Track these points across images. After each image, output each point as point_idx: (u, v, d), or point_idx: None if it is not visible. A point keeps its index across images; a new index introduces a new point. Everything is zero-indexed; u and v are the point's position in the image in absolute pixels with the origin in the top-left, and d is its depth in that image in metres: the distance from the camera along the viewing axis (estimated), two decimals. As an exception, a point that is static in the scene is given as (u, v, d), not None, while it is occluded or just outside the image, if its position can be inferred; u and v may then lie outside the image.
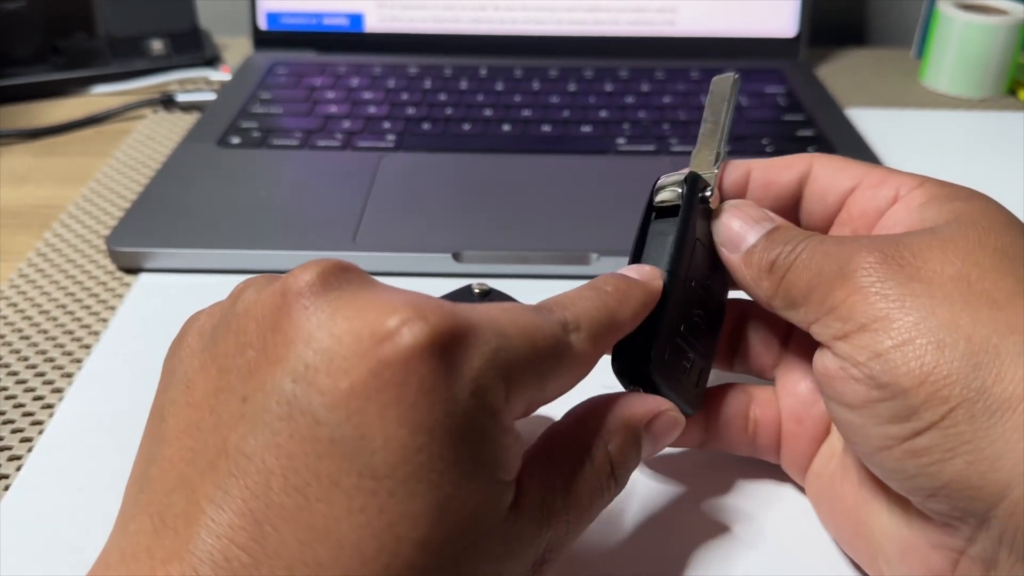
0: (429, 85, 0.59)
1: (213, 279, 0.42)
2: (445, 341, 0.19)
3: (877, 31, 0.78)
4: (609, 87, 0.59)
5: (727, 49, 0.64)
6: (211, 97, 0.60)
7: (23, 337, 0.38)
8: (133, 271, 0.42)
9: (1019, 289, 0.21)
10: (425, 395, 0.18)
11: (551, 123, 0.54)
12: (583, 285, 0.24)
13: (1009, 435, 0.20)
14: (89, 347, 0.37)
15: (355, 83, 0.59)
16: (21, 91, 0.61)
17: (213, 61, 0.67)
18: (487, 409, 0.19)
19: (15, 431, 0.33)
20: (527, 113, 0.55)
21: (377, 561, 0.18)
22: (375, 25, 0.65)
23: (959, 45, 0.61)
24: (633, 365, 0.26)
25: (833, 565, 0.28)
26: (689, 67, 0.61)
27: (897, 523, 0.24)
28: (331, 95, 0.58)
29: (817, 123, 0.54)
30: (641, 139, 0.52)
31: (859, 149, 0.51)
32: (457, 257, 0.41)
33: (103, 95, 0.63)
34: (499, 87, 0.59)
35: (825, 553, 0.28)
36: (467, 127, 0.53)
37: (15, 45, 0.61)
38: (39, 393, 0.35)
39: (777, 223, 0.26)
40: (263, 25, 0.65)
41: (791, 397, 0.28)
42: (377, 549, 0.18)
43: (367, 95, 0.58)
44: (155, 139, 0.56)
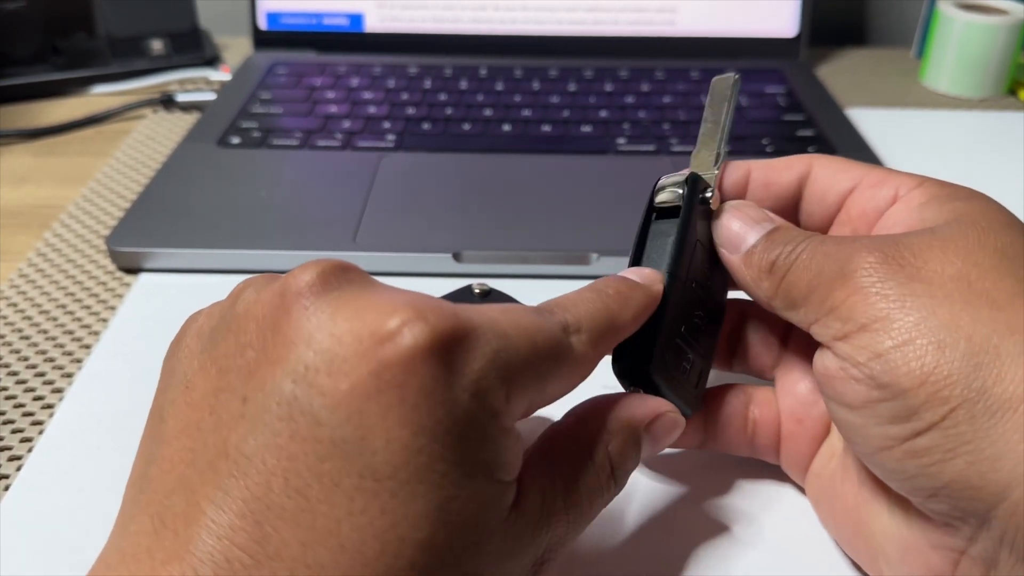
0: (429, 85, 0.59)
1: (213, 279, 0.42)
2: (446, 342, 0.19)
3: (877, 31, 0.78)
4: (609, 87, 0.59)
5: (727, 49, 0.64)
6: (211, 97, 0.59)
7: (23, 337, 0.38)
8: (133, 271, 0.42)
9: (1019, 289, 0.21)
10: (426, 396, 0.18)
11: (551, 123, 0.54)
12: (584, 287, 0.24)
13: (1010, 435, 0.20)
14: (89, 347, 0.37)
15: (355, 83, 0.59)
16: (21, 91, 0.61)
17: (213, 61, 0.67)
18: (488, 410, 0.19)
19: (15, 431, 0.33)
20: (527, 113, 0.55)
21: (379, 562, 0.18)
22: (375, 25, 0.65)
23: (959, 45, 0.61)
24: (634, 366, 0.26)
25: (833, 565, 0.28)
26: (689, 67, 0.61)
27: (897, 523, 0.24)
28: (331, 95, 0.58)
29: (817, 123, 0.54)
30: (641, 139, 0.52)
31: (859, 149, 0.51)
32: (457, 257, 0.41)
33: (103, 95, 0.63)
34: (499, 87, 0.59)
35: (825, 553, 0.28)
36: (467, 127, 0.53)
37: (15, 45, 0.61)
38: (39, 393, 0.35)
39: (777, 223, 0.26)
40: (263, 25, 0.65)
41: (790, 397, 0.28)
42: (379, 550, 0.18)
43: (367, 95, 0.58)
44: (155, 139, 0.56)
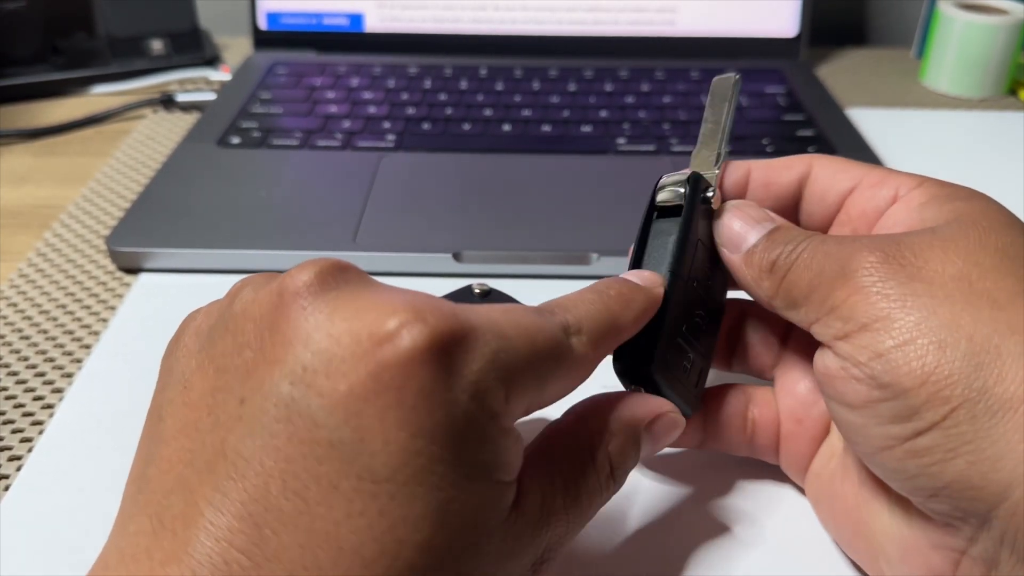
0: (429, 85, 0.59)
1: (213, 279, 0.42)
2: (444, 343, 0.18)
3: (877, 31, 0.78)
4: (609, 87, 0.59)
5: (727, 49, 0.64)
6: (211, 97, 0.59)
7: (23, 337, 0.38)
8: (133, 271, 0.42)
9: (1020, 289, 0.21)
10: (424, 398, 0.18)
11: (551, 123, 0.54)
12: (585, 288, 0.24)
13: (1010, 435, 0.19)
14: (89, 347, 0.37)
15: (355, 83, 0.59)
16: (21, 91, 0.61)
17: (213, 61, 0.67)
18: (487, 411, 0.19)
19: (15, 431, 0.33)
20: (527, 113, 0.55)
21: (378, 564, 0.18)
22: (375, 25, 0.65)
23: (959, 45, 0.61)
24: (635, 365, 0.26)
25: (833, 565, 0.28)
26: (689, 67, 0.61)
27: (898, 523, 0.24)
28: (331, 95, 0.58)
29: (817, 123, 0.54)
30: (641, 139, 0.52)
31: (859, 149, 0.51)
32: (457, 257, 0.41)
33: (103, 95, 0.63)
34: (499, 87, 0.59)
35: (825, 553, 0.28)
36: (467, 127, 0.53)
37: (15, 45, 0.61)
38: (39, 393, 0.35)
39: (778, 223, 0.26)
40: (263, 25, 0.65)
41: (790, 397, 0.28)
42: (378, 552, 0.18)
43: (367, 95, 0.58)
44: (155, 139, 0.56)
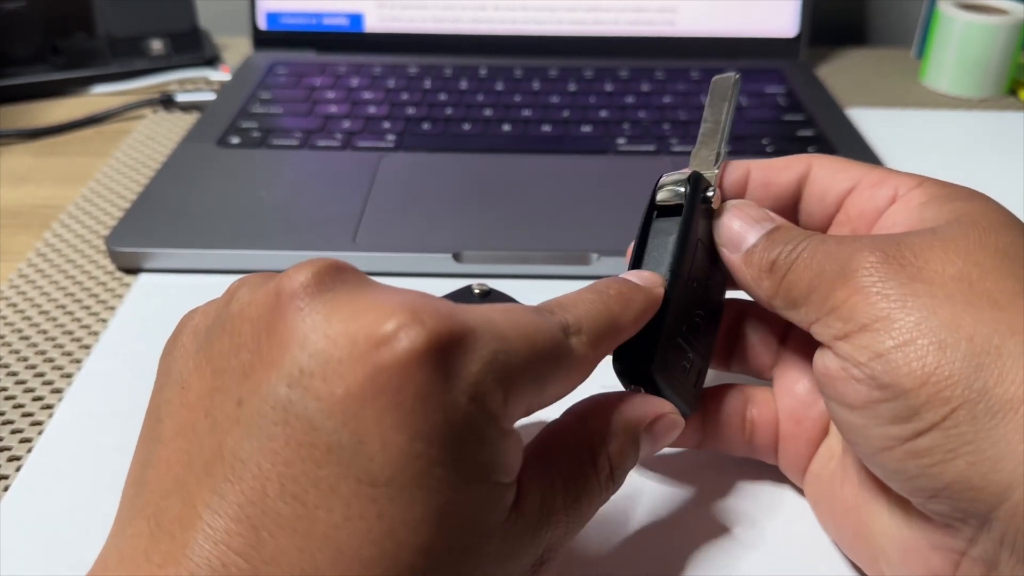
0: (429, 85, 0.59)
1: (213, 279, 0.42)
2: (442, 345, 0.18)
3: (877, 31, 0.78)
4: (609, 87, 0.59)
5: (727, 49, 0.64)
6: (211, 97, 0.59)
7: (23, 337, 0.38)
8: (133, 271, 0.42)
9: (1020, 289, 0.21)
10: (422, 401, 0.18)
11: (551, 123, 0.54)
12: (585, 288, 0.24)
13: (1011, 436, 0.19)
14: (89, 347, 0.37)
15: (355, 83, 0.59)
16: (21, 91, 0.61)
17: (213, 61, 0.67)
18: (486, 413, 0.19)
19: (14, 432, 0.33)
20: (527, 113, 0.55)
21: (377, 567, 0.18)
22: (375, 25, 0.65)
23: (959, 45, 0.61)
24: (635, 365, 0.26)
25: (833, 566, 0.27)
26: (689, 67, 0.61)
27: (898, 524, 0.24)
28: (331, 95, 0.58)
29: (817, 123, 0.54)
30: (641, 139, 0.52)
31: (859, 149, 0.51)
32: (457, 257, 0.41)
33: (103, 95, 0.63)
34: (499, 87, 0.59)
35: (825, 554, 0.28)
36: (467, 127, 0.53)
37: (15, 45, 0.61)
38: (39, 394, 0.35)
39: (778, 223, 0.26)
40: (263, 25, 0.65)
41: (789, 397, 0.28)
42: (377, 555, 0.18)
43: (367, 95, 0.57)
44: (155, 139, 0.56)
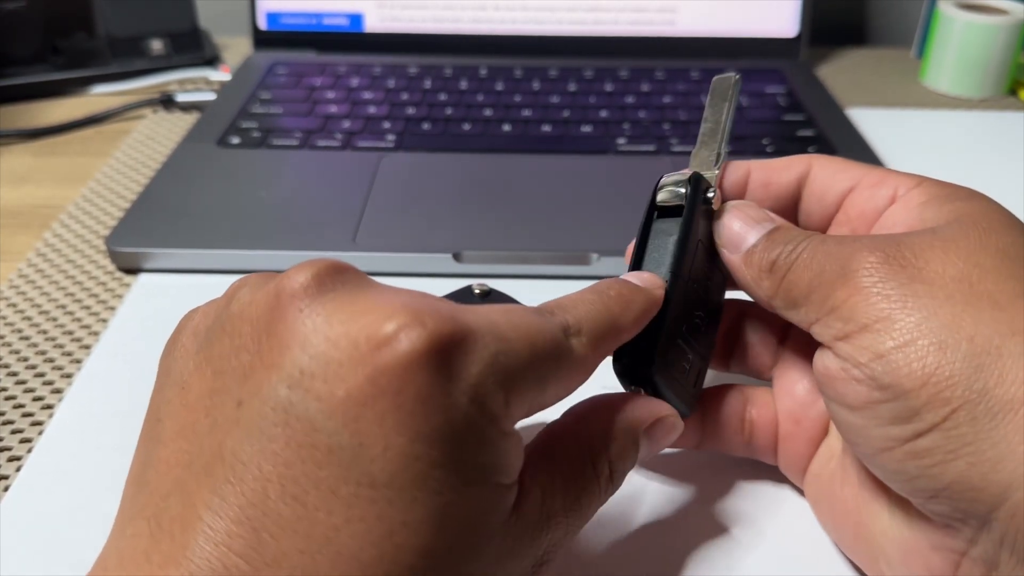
0: (429, 85, 0.59)
1: (213, 279, 0.42)
2: (443, 347, 0.18)
3: (877, 31, 0.78)
4: (609, 87, 0.59)
5: (727, 49, 0.64)
6: (211, 97, 0.59)
7: (23, 338, 0.38)
8: (133, 271, 0.42)
9: (1021, 290, 0.21)
10: (423, 403, 0.18)
11: (551, 123, 0.54)
12: (585, 288, 0.24)
13: (1011, 437, 0.19)
14: (89, 347, 0.37)
15: (355, 83, 0.59)
16: (21, 91, 0.61)
17: (213, 61, 0.67)
18: (486, 415, 0.19)
19: (15, 432, 0.33)
20: (527, 113, 0.55)
21: (377, 568, 0.18)
22: (375, 25, 0.65)
23: (959, 45, 0.61)
24: (635, 366, 0.26)
25: (833, 567, 0.27)
26: (689, 67, 0.61)
27: (898, 525, 0.24)
28: (331, 95, 0.58)
29: (817, 123, 0.54)
30: (641, 139, 0.52)
31: (859, 149, 0.51)
32: (457, 257, 0.41)
33: (103, 95, 0.63)
34: (499, 87, 0.59)
35: (825, 554, 0.28)
36: (467, 127, 0.53)
37: (15, 45, 0.61)
38: (39, 394, 0.35)
39: (778, 223, 0.26)
40: (263, 25, 0.65)
41: (788, 398, 0.28)
42: (377, 557, 0.18)
43: (367, 95, 0.57)
44: (155, 139, 0.56)
